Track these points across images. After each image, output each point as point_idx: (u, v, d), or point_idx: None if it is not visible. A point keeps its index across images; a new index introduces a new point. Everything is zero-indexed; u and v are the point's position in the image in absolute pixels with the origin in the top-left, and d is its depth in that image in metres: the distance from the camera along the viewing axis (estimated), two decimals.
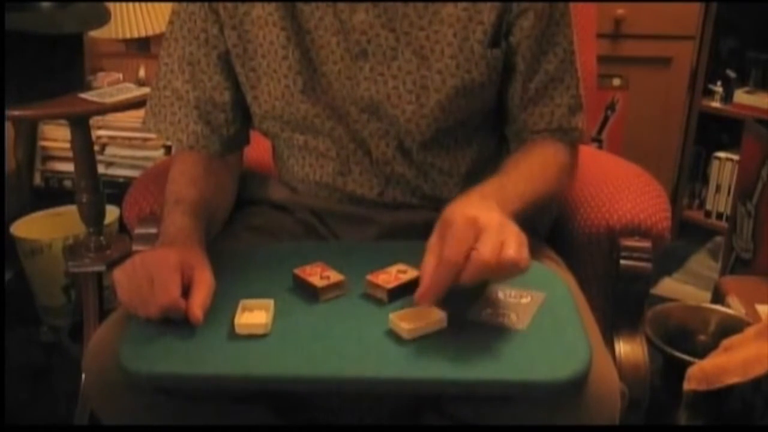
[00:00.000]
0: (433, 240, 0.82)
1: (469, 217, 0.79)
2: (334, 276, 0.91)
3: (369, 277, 0.91)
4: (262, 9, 1.03)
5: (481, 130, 1.11)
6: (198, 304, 0.84)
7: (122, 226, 1.62)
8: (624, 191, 1.19)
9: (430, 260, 0.80)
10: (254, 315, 0.86)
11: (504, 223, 0.80)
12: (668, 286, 2.35)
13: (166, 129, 1.11)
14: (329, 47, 1.02)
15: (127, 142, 2.37)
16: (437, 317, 0.83)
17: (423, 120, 1.03)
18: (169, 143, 2.24)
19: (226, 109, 1.09)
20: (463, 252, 0.78)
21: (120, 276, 0.86)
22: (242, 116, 1.12)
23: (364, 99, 1.03)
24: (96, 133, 2.30)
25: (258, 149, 1.25)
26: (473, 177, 1.11)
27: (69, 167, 2.06)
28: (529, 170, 1.01)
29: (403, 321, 0.83)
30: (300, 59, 1.02)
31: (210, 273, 0.89)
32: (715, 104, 2.50)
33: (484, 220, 0.79)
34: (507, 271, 0.79)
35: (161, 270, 0.84)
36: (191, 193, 1.04)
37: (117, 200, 1.63)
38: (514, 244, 0.79)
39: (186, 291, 0.85)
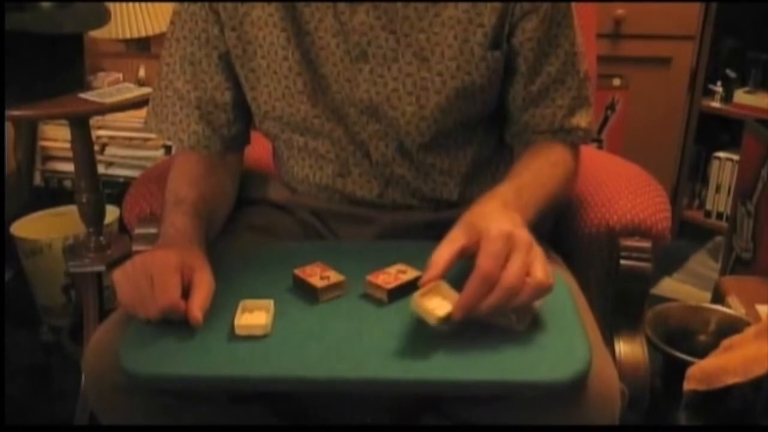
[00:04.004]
0: (460, 237, 0.82)
1: (505, 232, 0.80)
2: (334, 276, 0.91)
3: (369, 277, 0.91)
4: (262, 10, 1.02)
5: (481, 131, 1.11)
6: (197, 305, 0.84)
7: (122, 226, 1.62)
8: (624, 191, 1.19)
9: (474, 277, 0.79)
10: (254, 316, 0.86)
11: (532, 243, 0.81)
12: (668, 286, 2.35)
13: (167, 129, 1.11)
14: (329, 49, 1.02)
15: (127, 142, 2.37)
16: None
17: (423, 122, 1.03)
18: (169, 143, 2.24)
19: (227, 109, 1.09)
20: (499, 268, 0.78)
21: (120, 277, 0.86)
22: (243, 116, 1.12)
23: (363, 101, 1.03)
24: (96, 133, 2.30)
25: (258, 149, 1.25)
26: (473, 177, 1.12)
27: (69, 167, 2.06)
28: (541, 176, 1.02)
29: (436, 307, 0.80)
30: (300, 60, 1.02)
31: (210, 274, 0.89)
32: (715, 104, 2.50)
33: (516, 238, 0.80)
34: (533, 293, 0.79)
35: (161, 271, 0.84)
36: (191, 194, 1.04)
37: (117, 200, 1.64)
38: (540, 265, 0.79)
39: (186, 292, 0.85)
